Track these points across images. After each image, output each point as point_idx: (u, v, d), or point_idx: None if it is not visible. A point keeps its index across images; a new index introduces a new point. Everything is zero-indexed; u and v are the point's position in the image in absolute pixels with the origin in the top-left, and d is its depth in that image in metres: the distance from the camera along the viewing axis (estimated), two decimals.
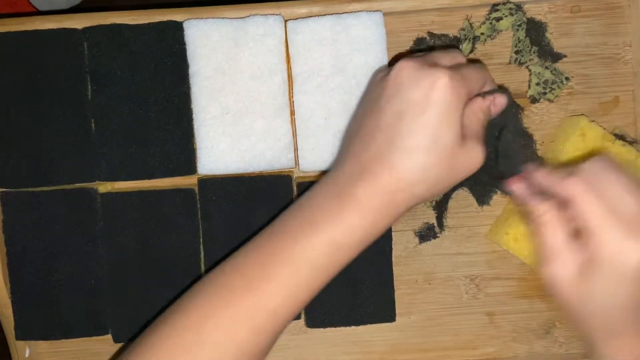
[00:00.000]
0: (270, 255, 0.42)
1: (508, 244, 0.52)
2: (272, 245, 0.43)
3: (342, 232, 0.41)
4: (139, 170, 0.51)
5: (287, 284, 0.42)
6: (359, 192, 0.41)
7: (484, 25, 0.52)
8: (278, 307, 0.42)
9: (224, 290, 0.42)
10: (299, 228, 0.42)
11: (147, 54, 0.51)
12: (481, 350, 0.55)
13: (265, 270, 0.42)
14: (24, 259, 0.52)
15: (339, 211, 0.41)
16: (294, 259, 0.42)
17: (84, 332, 0.52)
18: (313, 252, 0.41)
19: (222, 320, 0.41)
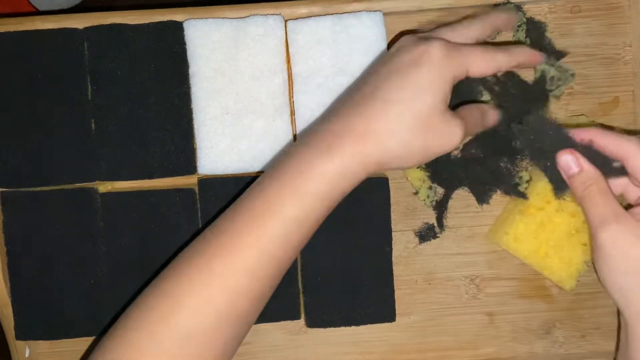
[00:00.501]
0: (242, 216, 0.42)
1: (508, 244, 0.52)
2: (246, 205, 0.43)
3: (310, 184, 0.41)
4: (139, 170, 0.51)
5: (260, 244, 0.41)
6: (330, 140, 0.42)
7: None
8: (253, 267, 0.41)
9: (198, 254, 0.43)
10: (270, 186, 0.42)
11: (147, 54, 0.51)
12: (481, 351, 0.55)
13: (238, 230, 0.42)
14: (24, 258, 0.52)
15: (308, 163, 0.42)
16: (265, 218, 0.42)
17: (84, 332, 0.52)
18: (286, 208, 0.41)
19: (197, 284, 0.41)
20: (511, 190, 0.52)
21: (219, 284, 0.41)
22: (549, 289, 0.54)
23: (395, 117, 0.42)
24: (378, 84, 0.43)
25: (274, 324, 0.53)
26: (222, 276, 0.41)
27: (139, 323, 0.42)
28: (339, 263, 0.52)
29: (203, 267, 0.42)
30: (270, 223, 0.42)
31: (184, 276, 0.42)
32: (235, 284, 0.41)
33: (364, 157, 0.42)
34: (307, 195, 0.42)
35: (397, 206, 0.53)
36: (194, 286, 0.41)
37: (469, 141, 0.52)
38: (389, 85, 0.43)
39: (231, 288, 0.41)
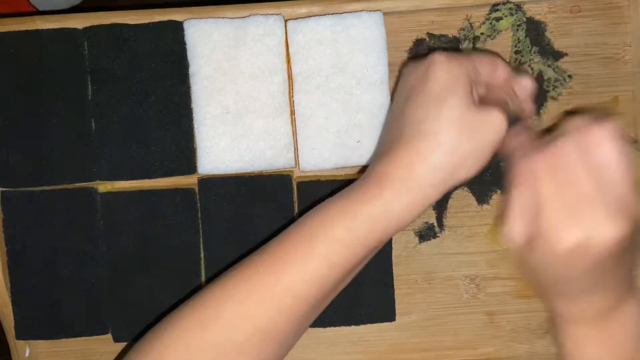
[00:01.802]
0: (300, 238, 0.42)
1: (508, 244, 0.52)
2: (305, 228, 0.42)
3: (379, 210, 0.41)
4: (139, 169, 0.51)
5: (306, 261, 0.41)
6: (388, 173, 0.41)
7: (484, 25, 0.52)
8: (297, 285, 0.41)
9: (242, 271, 0.43)
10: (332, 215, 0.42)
11: (147, 53, 0.51)
12: (481, 350, 0.55)
13: (285, 248, 0.42)
14: (24, 258, 0.52)
15: (377, 193, 0.41)
16: (325, 241, 0.41)
17: (84, 331, 0.52)
18: (334, 229, 0.41)
19: (238, 297, 0.41)
20: None
21: (260, 298, 0.41)
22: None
23: (431, 133, 0.41)
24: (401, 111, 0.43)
25: None
26: (264, 291, 0.41)
27: (175, 331, 0.42)
28: None
29: (247, 280, 0.42)
30: (321, 245, 0.41)
31: (226, 289, 0.42)
32: (276, 301, 0.41)
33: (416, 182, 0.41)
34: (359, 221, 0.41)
35: None
36: (234, 298, 0.41)
37: None
38: (409, 108, 0.42)
39: (271, 304, 0.41)
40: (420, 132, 0.41)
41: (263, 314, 0.41)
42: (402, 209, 0.41)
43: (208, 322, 0.41)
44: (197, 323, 0.41)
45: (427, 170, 0.41)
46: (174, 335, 0.42)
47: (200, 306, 0.42)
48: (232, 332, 0.41)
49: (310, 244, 0.42)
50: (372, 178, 0.42)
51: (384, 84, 0.51)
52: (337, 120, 0.51)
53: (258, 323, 0.41)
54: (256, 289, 0.41)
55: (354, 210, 0.41)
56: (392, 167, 0.41)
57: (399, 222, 0.42)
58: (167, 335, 0.42)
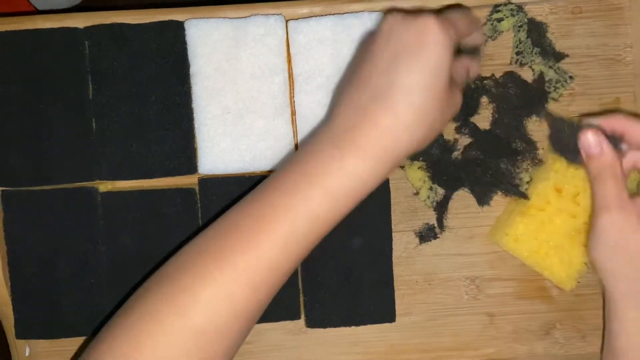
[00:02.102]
0: (267, 209, 0.41)
1: (508, 245, 0.52)
2: (269, 199, 0.42)
3: (341, 181, 0.40)
4: (140, 169, 0.51)
5: (285, 238, 0.41)
6: (358, 136, 0.40)
7: (485, 26, 0.52)
8: (276, 261, 0.41)
9: (219, 248, 0.41)
10: (297, 181, 0.41)
11: (148, 53, 0.51)
12: (481, 351, 0.55)
13: (262, 225, 0.41)
14: (24, 257, 0.52)
15: (339, 159, 0.40)
16: (293, 212, 0.41)
17: (84, 331, 0.52)
18: (312, 204, 0.41)
19: (219, 281, 0.40)
20: (511, 191, 0.52)
21: (242, 279, 0.40)
22: (549, 290, 0.54)
23: (417, 104, 0.40)
24: (388, 70, 0.41)
25: (274, 324, 0.53)
26: (245, 271, 0.40)
27: (152, 316, 0.40)
28: (339, 263, 0.52)
29: (224, 261, 0.41)
30: (296, 219, 0.41)
31: (202, 270, 0.41)
32: (257, 279, 0.40)
33: (393, 152, 0.41)
34: (335, 194, 0.41)
35: (398, 206, 0.53)
36: (215, 281, 0.40)
37: (469, 143, 0.52)
38: (400, 70, 0.41)
39: (253, 283, 0.40)
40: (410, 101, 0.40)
41: (243, 293, 0.40)
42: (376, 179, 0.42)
43: (186, 307, 0.40)
44: (176, 308, 0.40)
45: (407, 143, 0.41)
46: (150, 321, 0.40)
47: (176, 290, 0.41)
48: (212, 315, 0.40)
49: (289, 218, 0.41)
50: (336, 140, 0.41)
51: None
52: None
53: (237, 303, 0.40)
54: (237, 270, 0.40)
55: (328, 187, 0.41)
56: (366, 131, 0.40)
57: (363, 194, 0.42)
58: (143, 320, 0.40)
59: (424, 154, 0.52)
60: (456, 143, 0.53)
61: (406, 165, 0.53)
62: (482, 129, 0.53)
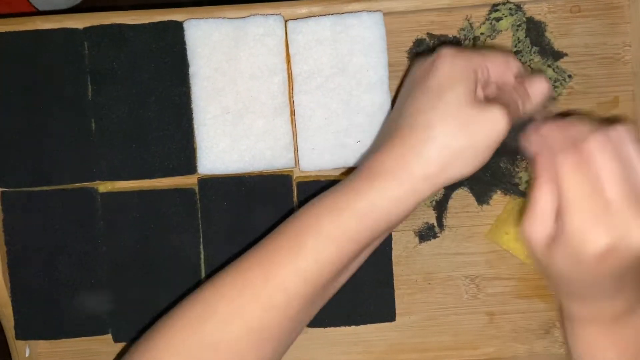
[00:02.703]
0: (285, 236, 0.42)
1: (508, 244, 0.52)
2: (288, 228, 0.42)
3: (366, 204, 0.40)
4: (139, 170, 0.51)
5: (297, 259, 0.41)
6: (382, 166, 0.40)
7: (484, 25, 0.52)
8: (290, 285, 0.41)
9: (235, 268, 0.42)
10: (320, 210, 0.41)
11: (147, 53, 0.51)
12: (481, 350, 0.55)
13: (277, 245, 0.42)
14: (24, 258, 0.52)
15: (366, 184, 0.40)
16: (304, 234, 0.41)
17: (84, 332, 0.52)
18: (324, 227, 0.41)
19: (230, 294, 0.41)
20: (511, 190, 0.52)
21: (250, 296, 0.41)
22: (548, 289, 0.54)
23: (423, 125, 0.40)
24: (400, 104, 0.44)
25: None
26: (254, 289, 0.41)
27: (172, 330, 0.42)
28: None
29: (238, 278, 0.42)
30: (310, 242, 0.41)
31: (219, 287, 0.42)
32: (267, 299, 0.41)
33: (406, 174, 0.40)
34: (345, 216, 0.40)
35: None
36: (227, 296, 0.41)
37: None
38: (409, 101, 0.42)
39: (262, 302, 0.41)
40: (414, 125, 0.40)
41: (254, 311, 0.41)
42: (390, 204, 0.40)
43: (203, 321, 0.41)
44: (193, 322, 0.41)
45: (418, 164, 0.40)
46: (170, 335, 0.42)
47: (195, 305, 0.42)
48: (226, 331, 0.41)
49: (298, 241, 0.41)
50: (363, 172, 0.41)
51: (383, 85, 0.51)
52: (337, 121, 0.51)
53: (250, 321, 0.41)
54: (247, 286, 0.41)
55: (341, 205, 0.41)
56: (382, 160, 0.40)
57: (389, 218, 0.41)
58: (165, 334, 0.42)
59: None
60: None
61: None
62: None
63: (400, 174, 0.40)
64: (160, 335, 0.42)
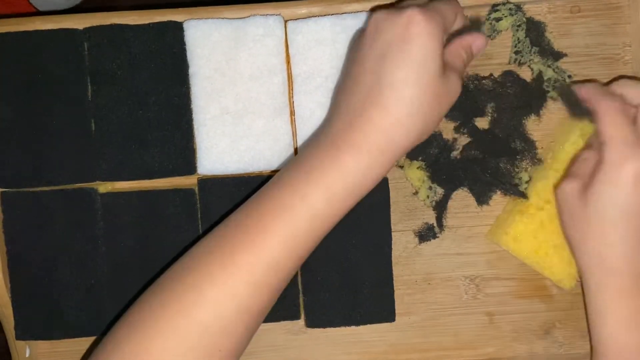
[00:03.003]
0: (268, 209, 0.42)
1: (508, 244, 0.52)
2: (269, 199, 0.43)
3: (339, 179, 0.41)
4: (139, 170, 0.51)
5: (285, 237, 0.42)
6: (354, 134, 0.41)
7: (484, 25, 0.52)
8: (277, 260, 0.42)
9: (222, 247, 0.43)
10: (296, 180, 0.42)
11: (147, 54, 0.51)
12: (481, 351, 0.55)
13: (263, 224, 0.42)
14: (24, 258, 0.52)
15: (335, 157, 0.41)
16: (292, 211, 0.42)
17: (84, 332, 0.52)
18: (311, 202, 0.42)
19: (222, 278, 0.41)
20: (510, 190, 0.52)
21: (244, 277, 0.41)
22: (548, 289, 0.54)
23: (407, 97, 0.41)
24: (376, 69, 0.42)
25: (274, 324, 0.53)
26: (248, 270, 0.41)
27: (159, 314, 0.41)
28: (339, 263, 0.52)
29: (227, 260, 0.42)
30: (296, 217, 0.42)
31: (206, 269, 0.42)
32: (260, 278, 0.41)
33: (389, 148, 0.42)
34: (334, 192, 0.42)
35: (397, 206, 0.53)
36: (218, 279, 0.41)
37: (468, 142, 0.52)
38: (387, 67, 0.42)
39: (255, 281, 0.41)
40: (399, 97, 0.41)
41: (247, 291, 0.41)
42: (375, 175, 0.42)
43: (193, 304, 0.41)
44: (182, 306, 0.41)
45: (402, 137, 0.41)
46: (158, 319, 0.41)
47: (182, 289, 0.42)
48: (216, 312, 0.41)
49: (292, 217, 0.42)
50: (334, 140, 0.42)
51: None
52: None
53: (242, 301, 0.41)
54: (239, 269, 0.41)
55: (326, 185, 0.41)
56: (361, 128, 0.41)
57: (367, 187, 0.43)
58: (151, 319, 0.41)
59: (423, 153, 0.52)
60: (455, 142, 0.53)
61: (405, 164, 0.53)
62: (481, 128, 0.53)
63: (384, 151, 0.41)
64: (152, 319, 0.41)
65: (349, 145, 0.41)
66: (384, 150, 0.42)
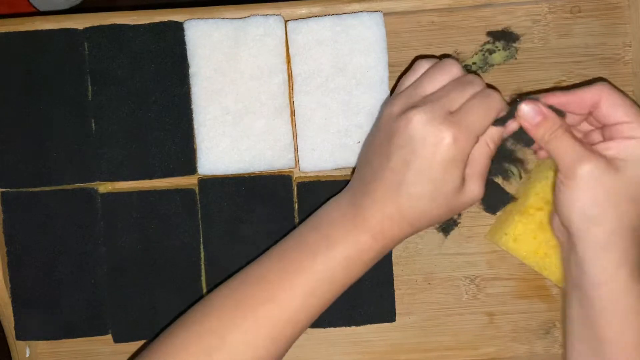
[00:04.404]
0: (289, 268, 0.45)
1: (507, 245, 0.52)
2: (291, 258, 0.45)
3: (356, 251, 0.44)
4: (139, 170, 0.51)
5: (304, 295, 0.44)
6: (372, 220, 0.44)
7: (477, 55, 0.53)
8: (295, 316, 0.44)
9: (243, 296, 0.45)
10: (317, 244, 0.45)
11: (147, 54, 0.51)
12: (481, 350, 0.55)
13: (285, 281, 0.44)
14: (24, 258, 0.52)
15: (355, 233, 0.44)
16: (313, 272, 0.44)
17: (84, 332, 0.52)
18: (330, 266, 0.44)
19: (243, 327, 0.44)
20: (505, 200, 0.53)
21: (264, 330, 0.44)
22: (548, 289, 0.54)
23: (421, 209, 0.43)
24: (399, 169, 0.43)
25: None
26: (268, 323, 0.44)
27: (180, 354, 0.44)
28: None
29: (248, 310, 0.44)
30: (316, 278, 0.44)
31: (228, 316, 0.44)
32: (278, 330, 0.44)
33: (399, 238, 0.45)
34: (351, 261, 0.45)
35: None
36: (239, 327, 0.44)
37: None
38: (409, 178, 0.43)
39: (274, 334, 0.44)
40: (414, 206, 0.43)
41: (265, 344, 0.44)
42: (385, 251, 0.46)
43: (213, 350, 0.43)
44: (203, 351, 0.43)
45: (411, 231, 0.45)
46: None
47: (204, 333, 0.44)
48: (234, 358, 0.43)
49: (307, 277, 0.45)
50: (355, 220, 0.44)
51: (384, 85, 0.51)
52: (337, 121, 0.51)
53: (259, 351, 0.44)
54: (260, 324, 0.44)
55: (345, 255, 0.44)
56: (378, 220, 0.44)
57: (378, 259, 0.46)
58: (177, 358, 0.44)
59: None
60: None
61: None
62: None
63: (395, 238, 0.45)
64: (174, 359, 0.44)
65: (368, 227, 0.44)
66: (395, 239, 0.45)
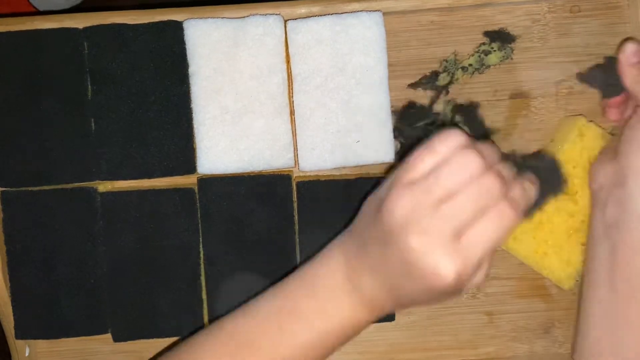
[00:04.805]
0: (289, 319, 0.44)
1: (507, 244, 0.52)
2: (288, 311, 0.44)
3: (352, 325, 0.44)
4: (139, 169, 0.51)
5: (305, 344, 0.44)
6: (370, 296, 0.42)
7: (473, 57, 0.53)
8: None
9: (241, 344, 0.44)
10: (314, 315, 0.44)
11: (147, 53, 0.51)
12: (481, 350, 0.55)
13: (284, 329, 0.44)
14: (24, 258, 0.52)
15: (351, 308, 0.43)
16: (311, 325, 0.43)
17: (84, 331, 0.52)
18: (324, 337, 0.44)
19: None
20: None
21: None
22: (548, 289, 0.54)
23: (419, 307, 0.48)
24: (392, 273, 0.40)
25: None
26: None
27: None
28: None
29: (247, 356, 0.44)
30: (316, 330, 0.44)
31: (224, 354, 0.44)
32: None
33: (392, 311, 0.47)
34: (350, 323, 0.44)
35: None
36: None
37: None
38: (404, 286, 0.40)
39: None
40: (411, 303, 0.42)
41: None
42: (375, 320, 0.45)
43: None
44: None
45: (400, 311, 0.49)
46: None
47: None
48: None
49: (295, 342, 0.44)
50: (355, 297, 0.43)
51: (383, 84, 0.51)
52: (336, 121, 0.51)
53: None
54: None
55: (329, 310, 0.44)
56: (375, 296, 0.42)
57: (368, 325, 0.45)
58: None
59: None
60: None
61: None
62: None
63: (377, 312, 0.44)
64: None
65: (362, 302, 0.43)
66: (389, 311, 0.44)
